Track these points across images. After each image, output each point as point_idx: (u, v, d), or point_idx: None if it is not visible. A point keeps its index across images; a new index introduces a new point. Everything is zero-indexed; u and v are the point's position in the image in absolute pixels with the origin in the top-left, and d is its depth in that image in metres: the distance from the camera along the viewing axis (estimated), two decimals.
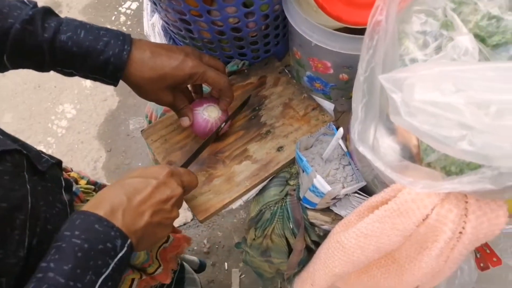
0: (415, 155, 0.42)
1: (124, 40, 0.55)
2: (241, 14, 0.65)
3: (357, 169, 0.63)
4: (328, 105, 0.74)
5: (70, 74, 0.57)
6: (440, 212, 0.39)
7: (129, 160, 1.87)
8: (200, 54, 0.62)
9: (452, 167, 0.36)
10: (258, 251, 0.76)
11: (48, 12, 0.55)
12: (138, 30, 2.21)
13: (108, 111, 2.00)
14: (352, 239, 0.52)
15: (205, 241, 1.64)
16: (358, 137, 0.37)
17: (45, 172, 0.54)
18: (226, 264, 1.59)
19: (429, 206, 0.39)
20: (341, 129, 0.58)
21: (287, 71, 0.78)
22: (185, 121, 0.66)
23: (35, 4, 0.55)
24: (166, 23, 0.75)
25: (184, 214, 1.72)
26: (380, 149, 0.39)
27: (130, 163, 1.86)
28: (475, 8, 0.43)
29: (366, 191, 0.64)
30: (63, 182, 0.59)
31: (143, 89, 0.59)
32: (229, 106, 0.68)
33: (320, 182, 0.61)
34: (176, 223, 1.70)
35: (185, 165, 0.63)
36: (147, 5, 0.91)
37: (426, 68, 0.32)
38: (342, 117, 0.78)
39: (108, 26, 0.57)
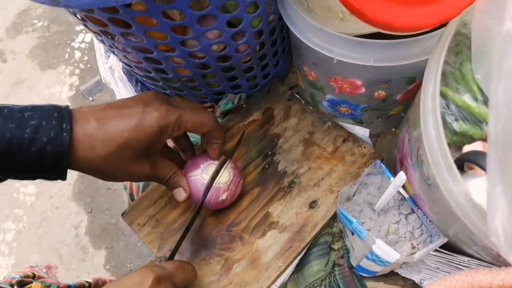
0: None
1: (61, 117, 0.42)
2: (227, 38, 0.52)
3: (428, 219, 0.49)
4: (362, 131, 0.61)
5: None
6: None
7: (115, 218, 1.72)
8: (168, 97, 0.49)
9: None
10: None
11: None
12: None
13: None
14: None
15: None
16: (505, 239, 0.23)
17: None
18: None
19: None
20: (401, 175, 0.45)
21: (297, 96, 0.65)
22: (180, 194, 0.52)
23: None
24: (128, 65, 0.62)
25: None
26: None
27: (117, 222, 1.71)
28: None
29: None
30: None
31: (104, 171, 0.46)
32: (222, 149, 0.55)
33: (383, 249, 0.47)
34: None
35: (172, 255, 0.51)
36: (99, 44, 0.78)
37: None
38: (379, 141, 0.66)
39: (63, 67, 0.43)
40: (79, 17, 0.50)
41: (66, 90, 2.04)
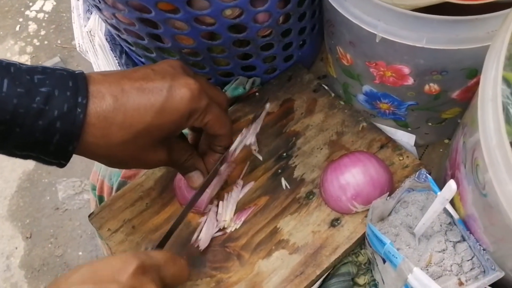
0: None
1: (76, 86, 0.47)
2: (244, 1, 0.58)
3: (482, 248, 0.54)
4: (405, 137, 0.67)
5: None
6: None
7: (62, 249, 1.77)
8: (194, 73, 0.55)
9: None
10: None
11: None
12: (59, 42, 2.15)
13: (23, 173, 1.92)
14: None
15: None
16: None
17: None
18: None
19: None
20: (451, 184, 0.50)
21: (325, 87, 0.71)
22: (197, 178, 0.59)
23: None
24: (115, 28, 0.68)
25: None
26: None
27: (65, 253, 1.76)
28: None
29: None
30: None
31: (114, 160, 0.52)
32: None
33: (422, 280, 0.52)
34: None
35: (161, 244, 0.56)
36: (77, 2, 0.84)
37: None
38: (427, 154, 0.71)
39: (11, 42, 0.49)
40: None
41: None
